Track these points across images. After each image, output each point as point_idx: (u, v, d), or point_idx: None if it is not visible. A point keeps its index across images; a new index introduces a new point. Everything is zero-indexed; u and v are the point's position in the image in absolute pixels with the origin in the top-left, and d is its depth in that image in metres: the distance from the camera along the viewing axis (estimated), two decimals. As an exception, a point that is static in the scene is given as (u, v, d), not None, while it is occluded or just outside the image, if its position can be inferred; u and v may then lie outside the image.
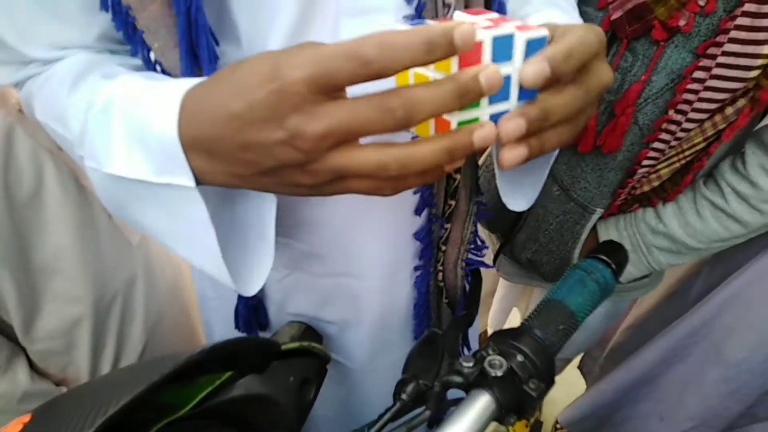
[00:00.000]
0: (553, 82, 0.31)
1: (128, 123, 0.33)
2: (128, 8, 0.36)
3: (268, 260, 0.40)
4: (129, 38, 0.38)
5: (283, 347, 0.54)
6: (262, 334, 0.63)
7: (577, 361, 1.23)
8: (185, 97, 0.30)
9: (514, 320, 1.19)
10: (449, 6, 0.42)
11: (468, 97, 0.27)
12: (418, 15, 0.41)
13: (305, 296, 0.59)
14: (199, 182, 0.32)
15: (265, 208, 0.39)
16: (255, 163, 0.29)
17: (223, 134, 0.29)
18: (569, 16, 0.47)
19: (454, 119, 0.30)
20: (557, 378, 1.22)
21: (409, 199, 0.50)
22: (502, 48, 0.29)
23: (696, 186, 0.67)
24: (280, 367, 0.52)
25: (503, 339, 0.42)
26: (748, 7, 0.51)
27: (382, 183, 0.30)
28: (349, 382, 0.67)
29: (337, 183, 0.30)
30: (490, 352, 0.41)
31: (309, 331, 0.63)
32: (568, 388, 1.20)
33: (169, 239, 0.37)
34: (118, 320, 0.74)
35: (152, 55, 0.39)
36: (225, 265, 0.36)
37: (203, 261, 0.37)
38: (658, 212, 0.69)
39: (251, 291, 0.40)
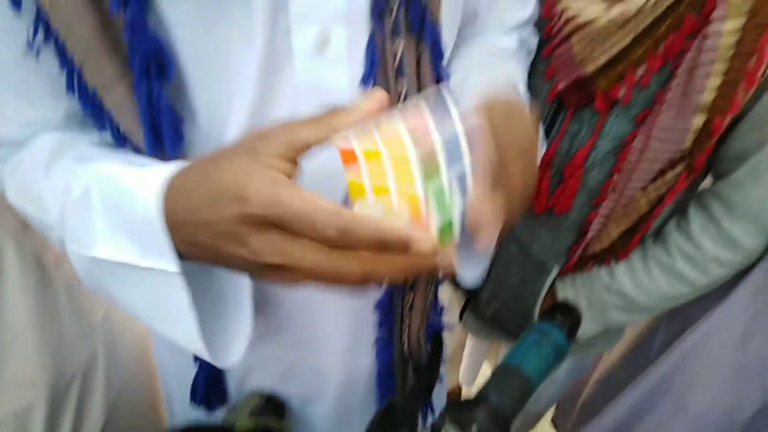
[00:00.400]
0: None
1: (109, 209, 0.36)
2: (95, 91, 0.38)
3: (247, 331, 0.41)
4: (96, 117, 0.40)
5: (238, 428, 0.52)
6: (221, 410, 0.61)
7: (551, 413, 1.23)
8: (166, 190, 0.33)
9: (487, 372, 1.18)
10: (401, 89, 0.44)
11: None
12: None
13: (266, 370, 0.59)
14: (182, 258, 0.34)
15: (240, 281, 0.40)
16: (223, 257, 0.32)
17: (197, 231, 0.32)
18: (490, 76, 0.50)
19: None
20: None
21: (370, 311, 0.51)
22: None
23: (646, 245, 0.69)
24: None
25: (459, 409, 0.43)
26: (678, 81, 0.54)
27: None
28: None
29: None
30: (446, 423, 0.41)
31: (270, 402, 0.61)
32: (542, 442, 1.18)
33: (149, 317, 0.39)
34: (75, 402, 0.71)
35: (120, 131, 0.40)
36: (203, 342, 0.37)
37: (182, 338, 0.38)
38: (611, 271, 0.71)
39: (230, 363, 0.40)
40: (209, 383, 0.57)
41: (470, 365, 1.11)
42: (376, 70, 0.41)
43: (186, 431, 0.45)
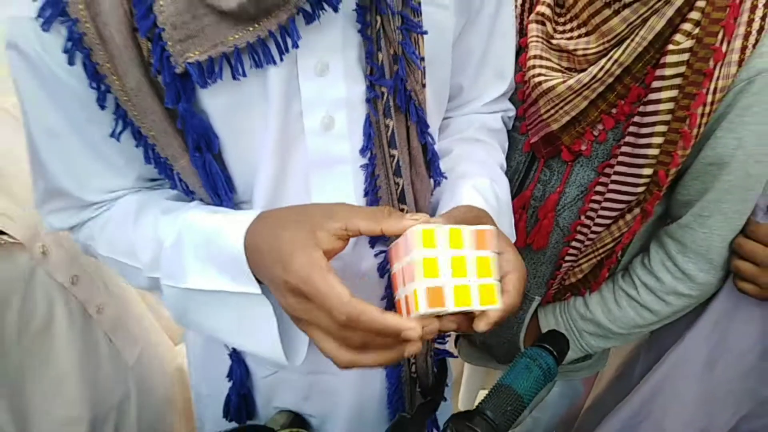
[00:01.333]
0: None
1: (200, 249, 0.49)
2: (166, 160, 0.50)
3: (306, 339, 0.52)
4: (170, 179, 0.53)
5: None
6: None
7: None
8: (246, 236, 0.46)
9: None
10: (394, 157, 0.54)
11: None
12: (372, 165, 0.53)
13: (288, 392, 0.68)
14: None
15: None
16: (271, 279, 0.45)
17: (264, 273, 0.45)
18: (498, 184, 0.62)
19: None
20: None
21: (377, 301, 0.60)
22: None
23: (615, 279, 0.78)
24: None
25: (460, 421, 0.50)
26: (629, 138, 0.64)
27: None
28: None
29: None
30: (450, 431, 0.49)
31: (297, 419, 0.70)
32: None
33: (232, 334, 0.52)
34: None
35: (188, 188, 0.53)
36: (281, 347, 0.49)
37: (262, 348, 0.50)
38: (585, 301, 0.80)
39: (297, 362, 0.52)
40: (240, 400, 0.67)
41: (468, 391, 1.18)
42: (372, 143, 0.52)
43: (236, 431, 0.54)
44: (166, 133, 0.48)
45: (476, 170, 0.61)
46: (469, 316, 0.45)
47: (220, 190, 0.51)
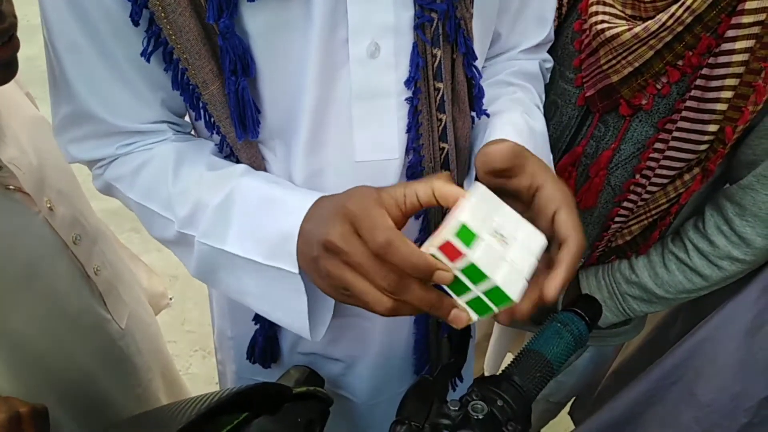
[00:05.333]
0: None
1: (247, 217, 0.49)
2: (195, 87, 0.49)
3: (330, 312, 0.54)
4: (194, 109, 0.52)
5: (294, 390, 0.63)
6: (273, 368, 0.72)
7: (569, 407, 1.32)
8: (305, 216, 0.46)
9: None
10: (438, 90, 0.53)
11: None
12: (416, 98, 0.53)
13: None
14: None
15: None
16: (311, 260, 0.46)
17: (306, 241, 0.46)
18: (531, 117, 0.60)
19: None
20: (552, 423, 1.31)
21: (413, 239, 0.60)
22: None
23: (664, 242, 0.79)
24: (289, 409, 0.61)
25: (485, 385, 0.49)
26: (695, 92, 0.63)
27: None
28: (353, 417, 0.76)
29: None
30: (474, 397, 0.48)
31: (313, 375, 0.72)
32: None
33: (257, 302, 0.53)
34: None
35: (212, 120, 0.52)
36: (308, 322, 0.50)
37: (287, 320, 0.52)
38: (631, 264, 0.80)
39: (319, 337, 0.53)
40: (266, 342, 0.68)
41: (495, 354, 1.21)
42: (419, 73, 0.51)
43: (251, 390, 0.55)
44: (200, 55, 0.47)
45: (507, 106, 0.60)
46: None
47: (248, 120, 0.50)
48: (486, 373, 1.33)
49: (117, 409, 0.81)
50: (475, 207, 0.40)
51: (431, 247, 0.40)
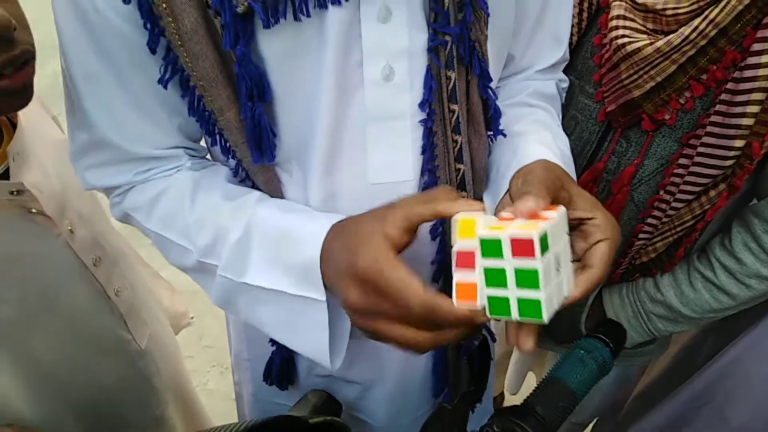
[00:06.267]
0: None
1: (269, 249, 0.51)
2: (211, 113, 0.50)
3: (347, 340, 0.54)
4: (210, 135, 0.53)
5: (311, 421, 0.63)
6: (290, 390, 0.72)
7: (591, 428, 1.29)
8: (323, 246, 0.48)
9: (530, 382, 1.26)
10: (453, 112, 0.53)
11: None
12: (431, 120, 0.53)
13: None
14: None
15: None
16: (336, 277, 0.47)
17: (331, 272, 0.47)
18: (555, 135, 0.60)
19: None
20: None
21: (427, 265, 0.60)
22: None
23: (690, 260, 0.77)
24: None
25: (506, 417, 0.48)
26: (720, 107, 0.62)
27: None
28: None
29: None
30: (495, 429, 0.47)
31: (330, 400, 0.71)
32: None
33: (278, 330, 0.54)
34: None
35: (228, 145, 0.53)
36: (329, 351, 0.51)
37: (306, 349, 0.53)
38: (656, 282, 0.79)
39: (337, 365, 0.53)
40: (283, 364, 0.68)
41: (516, 373, 1.19)
42: (433, 96, 0.51)
43: (268, 422, 0.55)
44: (216, 81, 0.48)
45: (534, 128, 0.60)
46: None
47: (265, 144, 0.51)
48: (506, 392, 1.31)
49: (134, 430, 0.81)
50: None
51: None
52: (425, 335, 0.43)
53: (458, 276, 0.42)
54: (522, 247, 0.39)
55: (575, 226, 0.48)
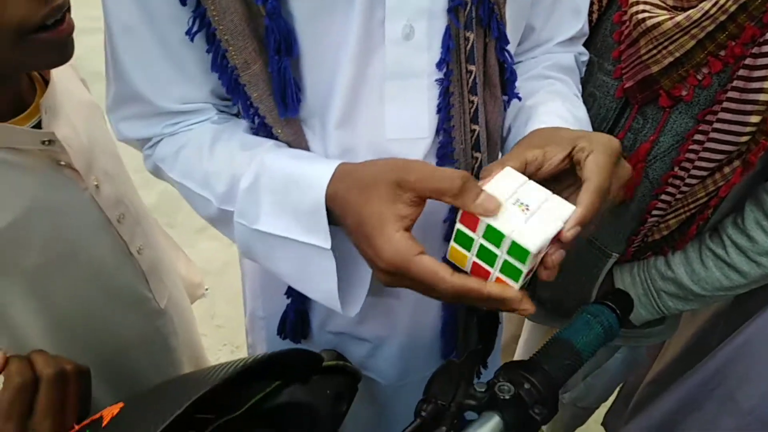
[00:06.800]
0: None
1: (277, 195, 0.52)
2: (234, 68, 0.52)
3: (366, 287, 0.56)
4: (232, 91, 0.54)
5: (324, 363, 0.65)
6: (303, 344, 0.74)
7: (601, 416, 1.30)
8: (328, 190, 0.49)
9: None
10: (471, 73, 0.55)
11: None
12: (447, 80, 0.54)
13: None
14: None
15: None
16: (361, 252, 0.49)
17: (352, 239, 0.49)
18: (572, 105, 0.61)
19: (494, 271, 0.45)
20: (581, 430, 1.28)
21: (439, 224, 0.62)
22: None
23: (702, 238, 0.78)
24: (319, 381, 0.63)
25: (513, 369, 0.50)
26: (737, 83, 0.63)
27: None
28: (379, 398, 0.77)
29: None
30: (501, 379, 0.49)
31: (341, 358, 0.74)
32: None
33: (292, 277, 0.56)
34: None
35: (251, 102, 0.54)
36: (339, 299, 0.52)
37: (320, 295, 0.54)
38: (668, 260, 0.80)
39: (353, 312, 0.55)
40: (297, 317, 0.71)
41: (524, 355, 1.20)
42: (450, 56, 0.53)
43: (285, 354, 0.57)
44: (243, 35, 0.50)
45: (547, 98, 0.61)
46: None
47: (290, 98, 0.53)
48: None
49: (147, 384, 0.83)
50: (497, 181, 0.44)
51: (457, 222, 0.44)
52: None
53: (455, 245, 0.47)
54: (469, 220, 0.44)
55: (568, 169, 0.49)
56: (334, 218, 0.50)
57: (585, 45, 0.73)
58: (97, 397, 0.75)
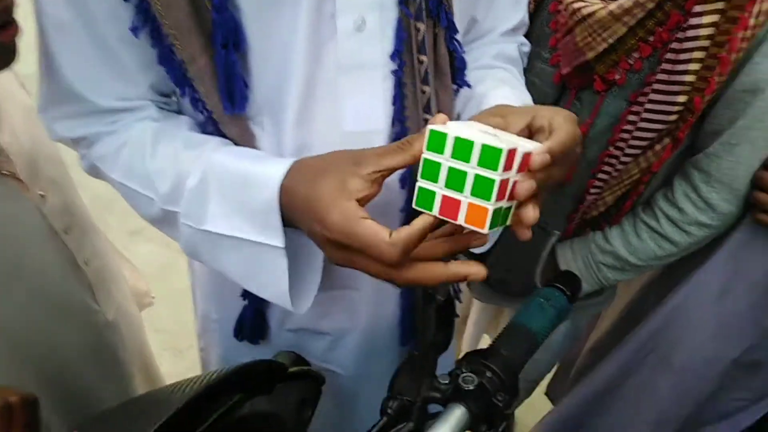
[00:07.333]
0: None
1: (225, 195, 0.50)
2: (182, 62, 0.50)
3: (317, 283, 0.54)
4: (180, 85, 0.52)
5: (289, 370, 0.63)
6: (261, 345, 0.72)
7: (544, 387, 1.37)
8: (281, 189, 0.47)
9: (484, 344, 1.31)
10: (422, 63, 0.55)
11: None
12: (400, 70, 0.54)
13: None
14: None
15: (316, 249, 0.52)
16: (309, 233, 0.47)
17: (301, 225, 0.47)
18: (520, 92, 0.62)
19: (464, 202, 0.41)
20: (527, 402, 1.35)
21: (396, 213, 0.62)
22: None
23: (636, 212, 0.83)
24: (283, 389, 0.61)
25: (474, 358, 0.52)
26: (665, 66, 0.67)
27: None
28: (339, 390, 0.77)
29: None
30: (464, 370, 0.50)
31: (299, 359, 0.73)
32: (537, 414, 1.31)
33: (241, 277, 0.54)
34: None
35: (198, 97, 0.53)
36: (289, 296, 0.51)
37: (271, 293, 0.53)
38: (605, 234, 0.84)
39: (303, 309, 0.54)
40: (255, 318, 0.69)
41: (473, 336, 1.24)
42: (403, 46, 0.53)
43: (249, 367, 0.55)
44: (189, 30, 0.48)
45: (495, 84, 0.63)
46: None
47: (236, 93, 0.52)
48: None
49: (97, 402, 0.79)
50: (461, 124, 0.42)
51: (424, 152, 0.41)
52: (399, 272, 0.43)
53: (420, 183, 0.42)
54: (489, 156, 0.39)
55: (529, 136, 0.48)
56: (283, 213, 0.48)
57: (524, 35, 0.74)
58: (43, 416, 0.70)
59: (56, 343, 0.71)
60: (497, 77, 0.65)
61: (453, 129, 0.40)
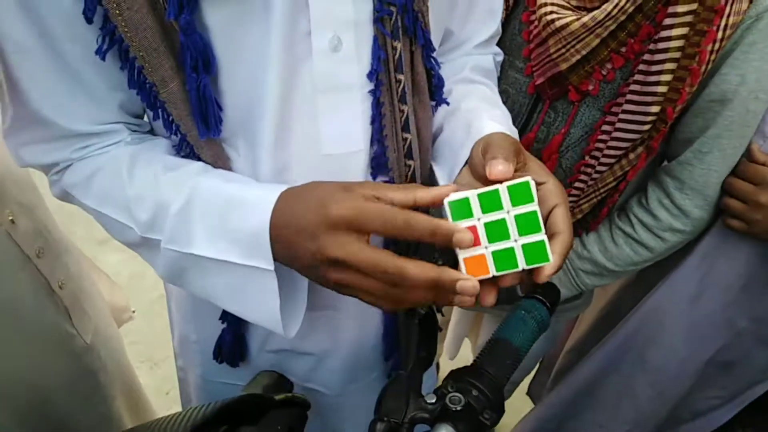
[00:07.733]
0: None
1: (213, 219, 0.49)
2: (153, 85, 0.49)
3: (304, 306, 0.54)
4: (152, 108, 0.51)
5: (277, 398, 0.62)
6: (241, 367, 0.72)
7: (526, 387, 1.38)
8: (272, 212, 0.47)
9: (464, 347, 1.32)
10: (400, 82, 0.55)
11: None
12: (378, 90, 0.54)
13: None
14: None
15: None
16: (298, 258, 0.47)
17: (293, 252, 0.47)
18: (502, 111, 0.63)
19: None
20: (507, 403, 1.37)
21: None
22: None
23: (612, 219, 0.84)
24: (269, 418, 0.60)
25: (460, 377, 0.52)
26: (638, 77, 0.68)
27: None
28: (324, 409, 0.77)
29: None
30: (450, 389, 0.50)
31: (281, 379, 0.71)
32: (517, 414, 1.33)
33: (228, 301, 0.53)
34: None
35: (172, 119, 0.51)
36: (281, 319, 0.50)
37: (258, 318, 0.52)
38: (582, 241, 0.85)
39: (293, 333, 0.53)
40: (234, 341, 0.68)
41: (453, 340, 1.24)
42: (381, 66, 0.53)
43: (237, 401, 0.54)
44: (158, 52, 0.47)
45: (483, 105, 0.63)
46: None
47: (210, 117, 0.51)
48: (445, 357, 1.37)
49: (79, 428, 0.77)
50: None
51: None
52: (394, 291, 0.44)
53: (463, 254, 0.44)
54: (520, 193, 0.42)
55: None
56: (271, 239, 0.48)
57: (496, 43, 0.75)
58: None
59: (34, 371, 0.69)
60: (481, 95, 0.65)
61: (464, 192, 0.43)
